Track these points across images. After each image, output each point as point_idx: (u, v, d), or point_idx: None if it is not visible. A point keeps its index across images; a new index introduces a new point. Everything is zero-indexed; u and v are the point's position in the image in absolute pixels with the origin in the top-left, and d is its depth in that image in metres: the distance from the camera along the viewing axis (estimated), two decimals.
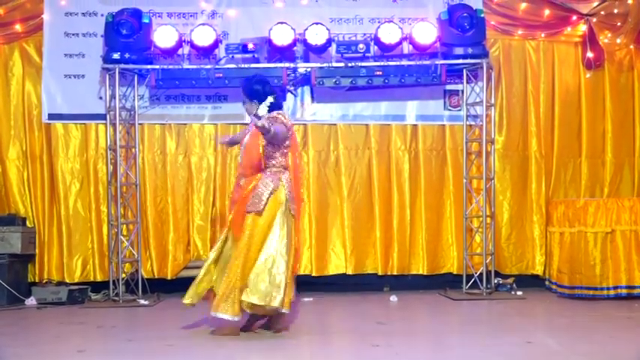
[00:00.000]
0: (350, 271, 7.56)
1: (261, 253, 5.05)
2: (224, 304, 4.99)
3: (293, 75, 7.33)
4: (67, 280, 7.33)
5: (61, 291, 7.03)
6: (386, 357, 4.56)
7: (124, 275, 7.14)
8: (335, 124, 7.65)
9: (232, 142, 5.87)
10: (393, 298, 7.14)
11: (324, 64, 7.15)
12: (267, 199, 5.09)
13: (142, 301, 6.95)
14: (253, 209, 5.09)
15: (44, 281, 7.33)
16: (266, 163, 5.21)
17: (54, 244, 7.44)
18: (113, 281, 7.12)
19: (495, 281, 7.34)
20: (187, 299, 5.25)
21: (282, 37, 6.98)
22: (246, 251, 5.03)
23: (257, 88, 5.27)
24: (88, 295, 7.22)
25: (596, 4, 7.49)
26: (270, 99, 5.22)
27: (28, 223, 7.40)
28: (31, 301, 6.99)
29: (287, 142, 5.25)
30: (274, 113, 5.21)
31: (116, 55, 6.97)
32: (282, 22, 6.99)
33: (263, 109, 5.19)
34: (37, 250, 7.40)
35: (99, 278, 7.39)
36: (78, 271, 7.40)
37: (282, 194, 5.13)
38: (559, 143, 7.71)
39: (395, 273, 7.58)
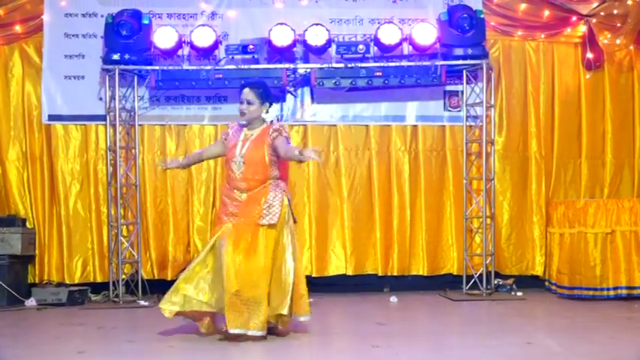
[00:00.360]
0: (350, 272, 7.56)
1: (274, 263, 5.00)
2: (253, 320, 4.87)
3: (293, 76, 7.33)
4: (67, 281, 7.32)
5: (61, 292, 7.02)
6: (386, 358, 4.56)
7: (124, 276, 7.14)
8: (335, 125, 7.65)
9: (189, 164, 5.66)
10: (393, 298, 7.14)
11: (324, 65, 7.15)
12: (280, 210, 5.03)
13: (142, 302, 6.95)
14: (267, 222, 4.99)
15: (44, 282, 7.32)
16: (270, 174, 5.09)
17: (54, 245, 7.44)
18: (113, 282, 7.12)
19: (495, 282, 7.35)
20: (166, 304, 5.07)
21: (282, 38, 6.98)
22: (271, 265, 4.96)
23: (270, 92, 5.20)
24: (88, 296, 7.21)
25: (595, 4, 7.49)
26: (276, 105, 5.24)
27: (28, 224, 7.39)
28: (31, 302, 6.99)
29: None
30: (277, 125, 5.17)
31: (116, 56, 6.97)
32: (281, 23, 7.00)
33: (272, 114, 5.17)
34: (37, 251, 7.39)
35: (99, 279, 7.39)
36: (78, 272, 7.40)
37: (286, 202, 5.11)
38: (559, 144, 7.71)
39: (395, 274, 7.59)
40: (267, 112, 5.15)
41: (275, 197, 5.05)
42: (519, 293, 7.24)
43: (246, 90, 5.14)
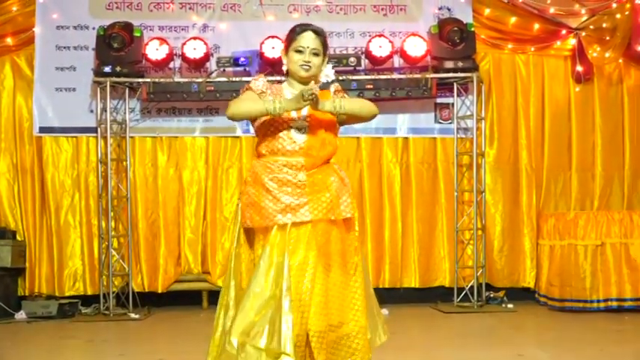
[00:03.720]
0: None
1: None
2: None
3: None
4: (58, 294, 7.28)
5: (51, 305, 6.98)
6: None
7: (114, 289, 7.11)
8: None
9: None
10: (385, 311, 7.12)
11: None
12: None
13: (133, 315, 6.92)
14: (349, 213, 3.59)
15: (34, 295, 7.28)
16: (335, 149, 3.61)
17: (44, 257, 7.40)
18: (104, 295, 7.09)
19: (486, 294, 7.35)
20: None
21: (273, 51, 7.00)
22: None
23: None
24: (79, 309, 7.17)
25: (585, 18, 7.54)
26: (329, 65, 3.73)
27: (18, 236, 7.36)
28: (20, 315, 6.95)
29: None
30: (337, 85, 3.72)
31: (107, 69, 6.97)
32: (273, 36, 7.01)
33: (329, 74, 3.70)
34: (27, 264, 7.35)
35: (89, 292, 7.35)
36: (68, 284, 7.36)
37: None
38: (549, 156, 7.74)
39: (387, 286, 7.58)
40: (321, 70, 3.67)
41: (347, 179, 3.63)
42: (510, 305, 7.24)
43: (311, 35, 3.59)
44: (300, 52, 3.58)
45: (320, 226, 3.42)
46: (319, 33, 3.62)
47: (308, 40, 3.58)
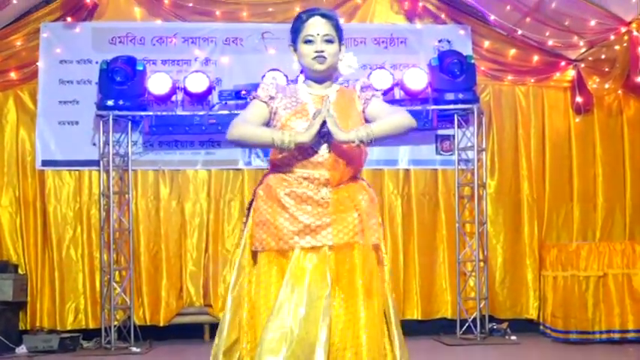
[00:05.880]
0: None
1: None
2: None
3: None
4: (59, 328, 7.23)
5: (53, 339, 6.91)
6: None
7: (116, 322, 7.08)
8: None
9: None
10: None
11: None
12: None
13: (134, 349, 6.88)
14: (376, 240, 3.17)
15: (35, 329, 7.24)
16: (363, 163, 3.18)
17: (46, 291, 7.36)
18: (105, 328, 7.06)
19: (490, 326, 7.31)
20: None
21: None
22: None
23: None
24: (80, 343, 7.12)
25: (584, 50, 7.59)
26: (350, 53, 3.27)
27: (20, 270, 7.33)
28: (22, 349, 6.88)
29: None
30: (364, 80, 3.41)
31: (110, 102, 7.02)
32: (274, 69, 7.06)
33: (351, 64, 3.30)
34: (28, 298, 7.32)
35: (91, 325, 7.30)
36: (70, 318, 7.31)
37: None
38: (550, 187, 7.75)
39: None
40: (340, 59, 3.22)
41: (375, 199, 3.19)
42: (513, 337, 7.20)
43: (320, 20, 3.13)
44: (310, 42, 3.12)
45: (343, 253, 2.94)
46: (330, 16, 3.12)
47: (317, 26, 3.10)
